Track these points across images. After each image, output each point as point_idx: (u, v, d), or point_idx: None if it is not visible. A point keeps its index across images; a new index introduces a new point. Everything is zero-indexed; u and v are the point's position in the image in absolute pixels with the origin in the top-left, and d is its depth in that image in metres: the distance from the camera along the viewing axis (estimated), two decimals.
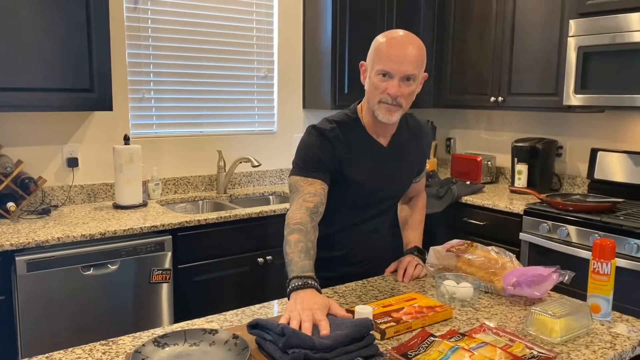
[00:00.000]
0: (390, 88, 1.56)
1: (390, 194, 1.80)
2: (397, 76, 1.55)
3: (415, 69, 1.57)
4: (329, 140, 1.63)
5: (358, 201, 1.73)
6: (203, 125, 3.33)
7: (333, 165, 1.63)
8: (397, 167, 1.76)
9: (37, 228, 2.37)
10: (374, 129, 1.69)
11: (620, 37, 2.65)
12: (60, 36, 2.46)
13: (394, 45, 1.56)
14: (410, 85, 1.58)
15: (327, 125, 1.66)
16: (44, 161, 2.81)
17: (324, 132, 1.64)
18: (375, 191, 1.73)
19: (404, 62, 1.54)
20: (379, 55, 1.57)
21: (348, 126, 1.67)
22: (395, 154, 1.74)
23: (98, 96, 2.59)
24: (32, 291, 2.22)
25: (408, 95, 1.59)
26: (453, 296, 1.55)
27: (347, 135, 1.66)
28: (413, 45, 1.58)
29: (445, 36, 3.67)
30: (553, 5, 3.03)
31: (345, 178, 1.66)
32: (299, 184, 1.60)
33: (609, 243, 1.46)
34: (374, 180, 1.71)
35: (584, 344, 1.32)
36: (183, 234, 2.59)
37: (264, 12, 3.46)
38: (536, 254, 2.80)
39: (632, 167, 2.94)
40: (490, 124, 3.85)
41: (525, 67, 3.20)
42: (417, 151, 1.84)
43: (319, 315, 1.21)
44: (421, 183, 2.00)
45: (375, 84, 1.59)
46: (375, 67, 1.58)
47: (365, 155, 1.68)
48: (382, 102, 1.59)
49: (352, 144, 1.66)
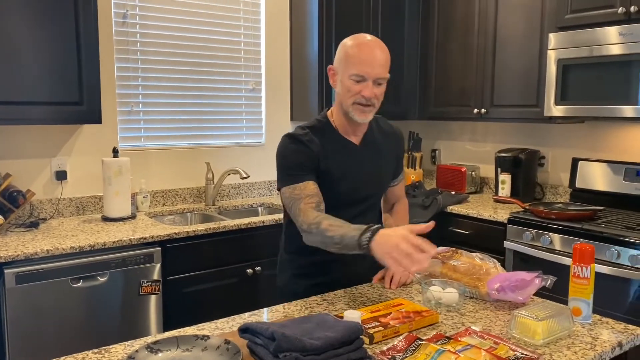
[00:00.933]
0: (365, 90, 1.66)
1: (368, 192, 1.85)
2: (371, 79, 1.66)
3: (385, 72, 1.69)
4: (304, 144, 1.71)
5: (339, 199, 1.77)
6: (191, 138, 3.35)
7: (313, 166, 1.72)
8: (372, 164, 1.83)
9: (26, 241, 2.38)
10: (346, 130, 1.79)
11: (597, 49, 2.73)
12: (50, 49, 2.49)
13: (365, 50, 1.66)
14: (381, 86, 1.70)
15: (301, 131, 1.76)
16: (32, 174, 2.82)
17: (298, 138, 1.73)
18: (353, 189, 1.79)
19: (375, 65, 1.65)
20: (351, 60, 1.67)
21: (320, 130, 1.77)
22: (368, 151, 1.83)
23: (87, 109, 2.61)
24: (21, 304, 2.22)
25: (380, 95, 1.71)
26: (439, 301, 1.59)
27: (320, 138, 1.75)
28: (381, 49, 1.69)
29: (429, 50, 3.74)
30: (533, 20, 3.12)
31: (324, 177, 1.73)
32: (294, 193, 1.68)
33: (588, 248, 1.51)
34: (351, 176, 1.78)
35: (566, 345, 1.37)
36: (172, 246, 2.60)
37: (252, 26, 3.51)
38: (520, 261, 2.86)
39: (612, 176, 3.02)
40: (474, 135, 3.93)
41: (507, 79, 3.28)
42: (392, 152, 1.93)
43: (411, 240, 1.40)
44: (400, 188, 2.06)
45: (349, 87, 1.68)
46: (349, 72, 1.67)
47: (340, 154, 1.77)
48: (356, 103, 1.69)
49: (326, 146, 1.74)
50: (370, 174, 1.83)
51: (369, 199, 1.86)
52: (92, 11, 2.58)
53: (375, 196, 1.90)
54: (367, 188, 1.84)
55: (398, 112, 3.79)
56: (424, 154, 4.17)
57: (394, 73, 3.67)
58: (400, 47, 3.73)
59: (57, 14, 2.49)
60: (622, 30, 2.63)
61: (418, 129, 4.15)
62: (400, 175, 2.04)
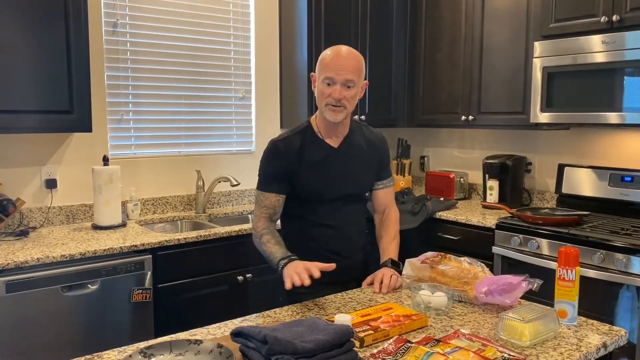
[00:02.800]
0: (334, 92, 1.84)
1: (344, 191, 1.97)
2: (339, 82, 1.84)
3: (354, 76, 1.85)
4: (280, 149, 1.91)
5: (317, 196, 1.94)
6: (182, 146, 3.37)
7: (288, 169, 1.91)
8: (348, 166, 1.97)
9: (16, 249, 2.37)
10: (326, 131, 1.96)
11: (582, 57, 2.79)
12: (40, 58, 2.49)
13: (336, 57, 1.85)
14: (351, 90, 1.86)
15: (282, 136, 1.97)
16: (22, 183, 2.81)
17: (276, 144, 1.93)
18: (328, 186, 1.94)
19: (343, 70, 1.83)
20: (324, 66, 1.86)
21: (301, 132, 1.96)
22: (345, 154, 1.97)
23: (77, 117, 2.62)
24: (12, 312, 2.21)
25: (350, 98, 1.87)
26: (428, 305, 1.62)
27: (300, 141, 1.93)
28: (352, 57, 1.86)
29: (416, 57, 3.79)
30: (518, 28, 3.17)
31: (298, 177, 1.91)
32: (259, 198, 1.96)
33: (573, 251, 1.55)
34: (326, 175, 1.93)
35: (552, 346, 1.39)
36: (163, 254, 2.61)
37: (241, 35, 3.54)
38: (508, 266, 2.89)
39: (597, 182, 3.07)
40: (462, 142, 3.97)
41: (494, 87, 3.33)
42: (374, 157, 2.06)
43: (307, 266, 1.67)
44: (388, 192, 2.15)
45: (322, 90, 1.87)
46: (322, 76, 1.86)
47: (316, 155, 1.93)
48: (328, 104, 1.87)
49: (305, 147, 1.93)
50: (346, 174, 1.96)
51: (346, 198, 1.99)
52: (83, 20, 2.59)
53: (352, 196, 2.01)
54: (342, 187, 1.96)
55: (387, 119, 3.83)
56: (413, 161, 4.21)
57: (382, 81, 3.76)
58: (388, 55, 3.77)
59: (47, 23, 2.50)
60: (605, 39, 2.69)
61: (407, 136, 4.19)
62: (387, 179, 2.14)
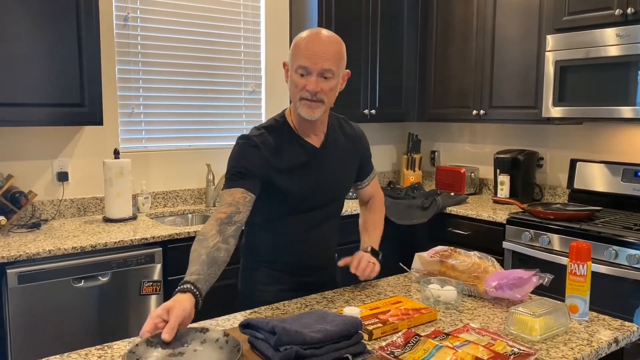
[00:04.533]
0: (309, 84, 1.57)
1: (329, 197, 1.77)
2: (315, 72, 1.57)
3: (332, 65, 1.58)
4: (256, 146, 1.63)
5: (297, 205, 1.71)
6: (192, 139, 3.38)
7: (262, 171, 1.62)
8: (333, 168, 1.75)
9: (28, 241, 2.39)
10: (303, 129, 1.70)
11: (595, 51, 2.75)
12: (51, 52, 2.51)
13: (312, 42, 1.58)
14: (329, 81, 1.60)
15: (256, 132, 1.67)
16: (34, 175, 2.84)
17: (251, 139, 1.64)
18: (313, 193, 1.71)
19: (320, 57, 1.56)
20: (297, 53, 1.59)
21: (277, 130, 1.68)
22: (328, 155, 1.74)
23: (88, 111, 2.63)
24: (23, 303, 2.23)
25: (329, 91, 1.61)
26: (437, 299, 1.61)
27: (276, 138, 1.66)
28: (331, 41, 1.60)
29: (428, 51, 3.77)
30: (531, 22, 3.14)
31: (277, 182, 1.65)
32: (221, 197, 1.60)
33: (585, 245, 1.53)
34: (311, 180, 1.70)
35: (563, 341, 1.38)
36: (173, 246, 2.62)
37: (251, 29, 3.54)
38: (519, 261, 2.87)
39: (610, 177, 3.04)
40: (473, 137, 3.95)
41: (506, 81, 3.30)
42: (354, 154, 1.83)
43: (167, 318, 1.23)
44: (372, 185, 1.96)
45: (295, 82, 1.60)
46: (294, 65, 1.59)
47: (296, 157, 1.68)
48: (302, 98, 1.60)
49: (282, 147, 1.66)
50: (332, 178, 1.75)
51: (330, 205, 1.78)
52: (94, 13, 2.60)
53: (336, 202, 1.82)
54: (327, 193, 1.75)
55: (397, 114, 3.81)
56: (423, 156, 4.19)
57: (393, 75, 3.74)
58: (399, 49, 3.75)
59: (58, 17, 2.51)
60: (619, 32, 2.65)
61: (417, 131, 4.17)
62: (371, 173, 1.94)
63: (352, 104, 3.54)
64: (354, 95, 3.55)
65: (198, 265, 1.39)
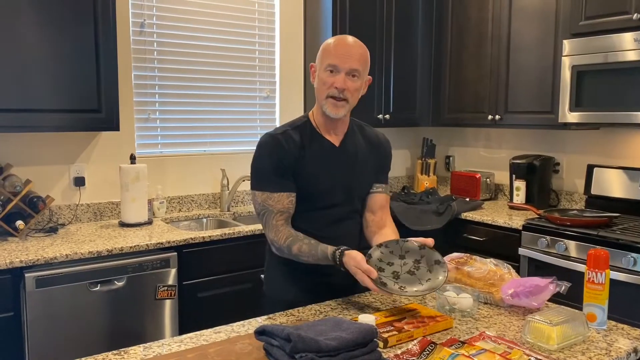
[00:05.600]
0: (337, 82, 1.68)
1: (347, 195, 1.80)
2: (343, 70, 1.68)
3: (359, 65, 1.70)
4: (281, 143, 1.71)
5: (314, 202, 1.76)
6: (207, 145, 3.40)
7: (290, 167, 1.72)
8: (348, 167, 1.80)
9: (46, 245, 2.42)
10: (325, 127, 1.79)
11: (612, 56, 2.73)
12: (69, 58, 2.54)
13: (341, 44, 1.70)
14: (355, 81, 1.70)
15: (280, 130, 1.77)
16: (51, 180, 2.87)
17: (276, 137, 1.73)
18: (328, 190, 1.76)
19: (349, 57, 1.68)
20: (327, 54, 1.71)
21: (299, 128, 1.78)
22: (346, 154, 1.81)
23: (105, 117, 2.66)
24: (41, 307, 2.26)
25: (354, 90, 1.71)
26: (453, 307, 1.60)
27: (300, 135, 1.75)
28: (358, 45, 1.73)
29: (442, 56, 3.76)
30: (547, 26, 3.12)
31: (300, 177, 1.73)
32: (268, 203, 1.72)
33: (603, 253, 1.51)
34: (327, 177, 1.76)
35: (580, 350, 1.37)
36: (188, 251, 2.63)
37: (266, 35, 3.55)
38: (535, 268, 2.85)
39: (628, 183, 3.00)
40: (489, 142, 3.92)
41: (521, 85, 3.28)
42: (373, 159, 1.87)
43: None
44: (386, 197, 1.92)
45: (324, 80, 1.70)
46: (324, 63, 1.70)
47: (318, 153, 1.76)
48: (329, 96, 1.70)
49: (305, 144, 1.75)
50: (352, 176, 1.81)
51: (350, 203, 1.82)
52: (111, 20, 2.63)
53: (357, 200, 1.85)
54: (347, 190, 1.80)
55: (411, 118, 3.80)
56: (438, 161, 4.17)
57: (407, 79, 3.74)
58: (413, 53, 3.75)
59: (76, 23, 2.55)
60: (637, 37, 2.62)
61: (432, 136, 4.15)
62: (385, 185, 1.92)
63: (366, 108, 3.54)
64: (368, 100, 3.55)
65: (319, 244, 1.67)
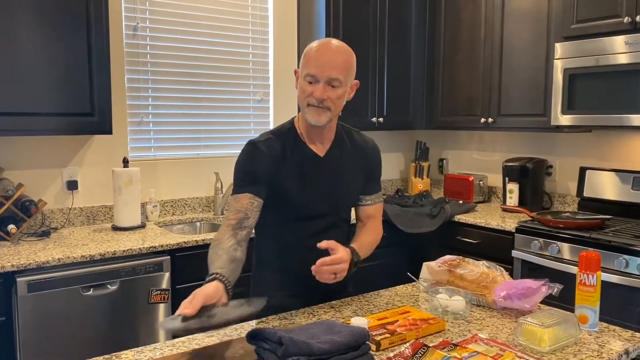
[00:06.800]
0: (316, 92, 1.62)
1: (328, 208, 1.75)
2: (322, 80, 1.62)
3: (339, 74, 1.63)
4: (262, 151, 1.67)
5: (295, 213, 1.72)
6: (200, 148, 3.39)
7: (269, 175, 1.66)
8: (334, 179, 1.75)
9: (38, 249, 2.41)
10: (310, 136, 1.73)
11: (604, 59, 2.74)
12: (61, 61, 2.53)
13: (322, 51, 1.64)
14: (336, 89, 1.64)
15: (263, 137, 1.72)
16: (44, 184, 2.86)
17: (257, 144, 1.69)
18: (310, 202, 1.71)
19: (328, 67, 1.61)
20: (307, 61, 1.65)
21: (283, 136, 1.72)
22: (331, 165, 1.75)
23: (98, 120, 2.66)
24: (33, 312, 2.25)
25: (336, 99, 1.65)
26: (446, 309, 1.60)
27: (283, 143, 1.70)
28: (340, 51, 1.66)
29: (435, 59, 3.77)
30: (539, 30, 3.13)
31: (281, 186, 1.68)
32: (230, 204, 1.67)
33: (594, 255, 1.52)
34: (309, 189, 1.70)
35: (572, 352, 1.37)
36: (181, 255, 2.63)
37: (260, 38, 3.56)
38: (528, 270, 2.85)
39: (620, 185, 3.02)
40: (482, 145, 3.94)
41: (514, 89, 3.29)
42: (362, 168, 1.82)
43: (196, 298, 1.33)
44: (375, 208, 1.87)
45: (303, 88, 1.65)
46: (304, 72, 1.65)
47: (301, 164, 1.70)
48: (310, 105, 1.65)
49: (288, 153, 1.70)
50: (336, 187, 1.75)
51: (336, 213, 1.78)
52: (104, 23, 2.63)
53: (342, 210, 1.81)
54: (332, 201, 1.75)
55: (405, 121, 3.81)
56: (432, 164, 4.18)
57: (401, 83, 3.74)
58: (406, 56, 3.76)
59: (69, 26, 2.54)
60: (628, 40, 2.64)
61: (426, 139, 4.16)
62: (376, 194, 1.87)
63: (360, 112, 3.55)
64: (361, 103, 3.56)
65: (219, 262, 1.50)
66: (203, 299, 1.33)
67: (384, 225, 1.94)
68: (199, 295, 1.33)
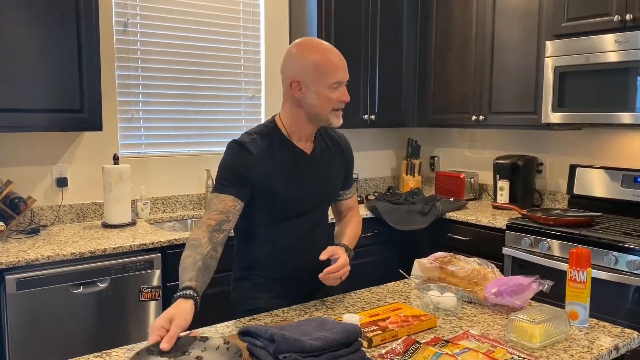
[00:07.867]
0: (343, 95, 1.67)
1: (317, 204, 1.77)
2: (344, 82, 1.68)
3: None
4: (248, 151, 1.64)
5: (284, 211, 1.71)
6: (191, 145, 3.38)
7: (254, 176, 1.63)
8: (321, 174, 1.76)
9: (27, 247, 2.39)
10: (297, 135, 1.72)
11: (594, 57, 2.76)
12: (51, 57, 2.51)
13: (332, 56, 1.65)
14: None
15: (247, 137, 1.69)
16: (33, 181, 2.83)
17: (243, 145, 1.66)
18: (301, 200, 1.72)
19: (344, 68, 1.67)
20: (325, 70, 1.62)
21: (268, 135, 1.70)
22: (318, 160, 1.76)
23: (88, 116, 2.63)
24: (22, 310, 2.23)
25: None
26: (437, 306, 1.61)
27: (268, 143, 1.68)
28: (338, 51, 1.69)
29: (427, 57, 3.77)
30: (530, 28, 3.15)
31: (268, 186, 1.65)
32: (211, 202, 1.62)
33: (584, 252, 1.53)
34: (300, 187, 1.70)
35: (563, 348, 1.38)
36: (172, 252, 2.61)
37: (251, 34, 3.54)
38: (519, 267, 2.87)
39: (610, 182, 3.04)
40: (473, 142, 3.95)
41: (505, 86, 3.31)
42: (341, 162, 1.84)
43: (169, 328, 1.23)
44: (354, 199, 1.94)
45: (329, 96, 1.64)
46: (328, 81, 1.62)
47: (287, 162, 1.69)
48: (334, 109, 1.67)
49: (273, 152, 1.68)
50: (322, 183, 1.77)
51: (319, 209, 1.79)
52: (93, 19, 2.61)
53: (325, 206, 1.83)
54: (317, 197, 1.76)
55: (397, 119, 3.81)
56: (423, 161, 4.19)
57: (393, 80, 3.75)
58: (398, 54, 3.76)
59: (58, 22, 2.52)
60: (618, 38, 2.66)
61: (417, 136, 4.17)
62: (352, 187, 1.93)
63: (351, 109, 3.54)
64: (353, 100, 3.54)
65: (194, 271, 1.43)
66: (179, 330, 1.24)
67: (376, 223, 1.97)
68: (176, 326, 1.24)
